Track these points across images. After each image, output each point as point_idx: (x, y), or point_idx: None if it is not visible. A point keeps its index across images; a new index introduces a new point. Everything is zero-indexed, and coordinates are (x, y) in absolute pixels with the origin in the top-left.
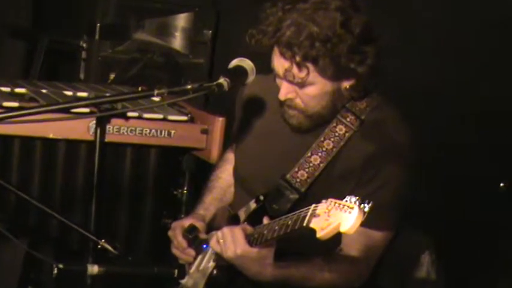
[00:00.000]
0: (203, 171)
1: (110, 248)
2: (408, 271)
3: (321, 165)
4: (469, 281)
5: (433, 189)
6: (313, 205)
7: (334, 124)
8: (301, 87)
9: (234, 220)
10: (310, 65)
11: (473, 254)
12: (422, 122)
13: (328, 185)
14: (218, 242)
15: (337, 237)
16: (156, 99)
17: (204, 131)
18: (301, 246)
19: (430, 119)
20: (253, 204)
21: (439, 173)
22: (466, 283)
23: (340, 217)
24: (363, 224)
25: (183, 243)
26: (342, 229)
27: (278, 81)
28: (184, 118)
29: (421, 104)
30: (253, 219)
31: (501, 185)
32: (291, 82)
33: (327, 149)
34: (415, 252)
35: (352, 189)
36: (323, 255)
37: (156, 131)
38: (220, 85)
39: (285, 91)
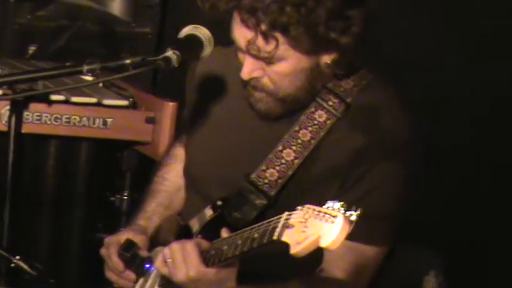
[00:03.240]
0: (148, 171)
1: (26, 267)
2: None
3: (296, 161)
4: None
5: (441, 195)
6: (286, 213)
7: (313, 109)
8: (269, 63)
9: (184, 232)
10: (279, 36)
11: (490, 275)
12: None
13: (305, 188)
14: (165, 261)
15: (318, 253)
16: (88, 77)
17: (150, 120)
18: (271, 265)
19: (440, 115)
20: (209, 212)
21: (449, 175)
22: None
23: (320, 228)
24: (350, 237)
25: (119, 264)
26: (323, 243)
27: (240, 55)
28: (125, 103)
29: (428, 89)
30: (210, 231)
31: None
32: (256, 57)
33: (303, 141)
34: (417, 274)
35: (336, 192)
36: (300, 277)
37: (88, 119)
38: (167, 59)
39: (249, 68)
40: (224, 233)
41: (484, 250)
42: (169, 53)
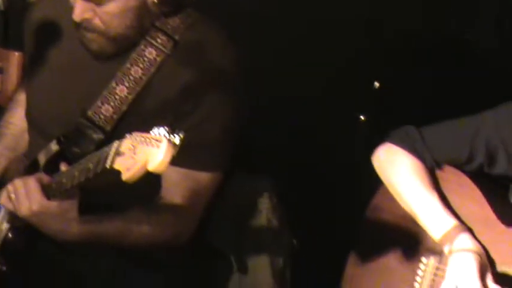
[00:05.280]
0: None
1: None
2: (245, 220)
3: (129, 97)
4: (314, 226)
5: (271, 125)
6: (116, 142)
7: (143, 47)
8: (98, 4)
9: (32, 168)
10: None
11: (322, 197)
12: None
13: (140, 121)
14: (9, 197)
15: (158, 182)
16: None
17: None
18: (113, 196)
19: (267, 42)
20: (54, 146)
21: (278, 107)
22: (312, 228)
23: (147, 153)
24: (185, 165)
25: None
26: (150, 167)
27: None
28: None
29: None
30: (54, 166)
31: (361, 117)
32: None
33: (135, 77)
34: (252, 198)
35: (170, 125)
36: (141, 205)
37: None
38: None
39: (80, 10)
40: (63, 167)
41: (316, 172)
42: None
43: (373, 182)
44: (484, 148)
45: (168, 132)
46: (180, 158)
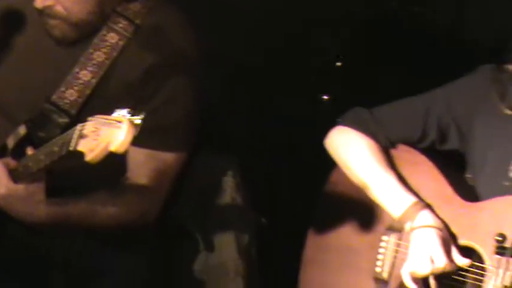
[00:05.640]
0: None
1: None
2: (210, 199)
3: (93, 81)
4: (279, 204)
5: (234, 106)
6: (79, 125)
7: (104, 32)
8: None
9: (1, 152)
10: None
11: (285, 175)
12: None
13: (104, 105)
14: None
15: (124, 164)
16: None
17: None
18: (81, 178)
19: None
20: (22, 130)
21: (241, 87)
22: (276, 206)
23: (109, 134)
24: (150, 146)
25: None
26: (112, 147)
27: None
28: None
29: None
30: (21, 150)
31: (324, 97)
32: None
33: (98, 61)
34: (217, 177)
35: (133, 107)
36: (107, 187)
37: None
38: None
39: None
40: (29, 151)
41: (280, 152)
42: None
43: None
44: (436, 126)
45: (129, 114)
46: (144, 139)
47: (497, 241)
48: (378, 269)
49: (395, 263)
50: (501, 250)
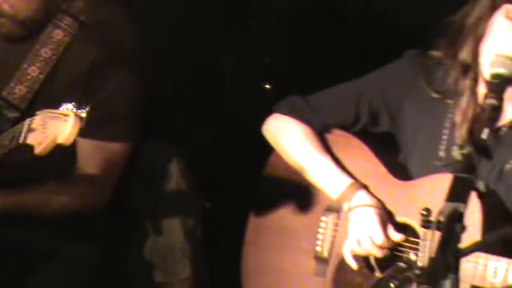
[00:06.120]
0: None
1: None
2: (157, 184)
3: (41, 76)
4: (224, 189)
5: (179, 95)
6: (28, 119)
7: (50, 29)
8: None
9: None
10: None
11: (230, 161)
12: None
13: (53, 99)
14: None
15: (72, 155)
16: None
17: None
18: (32, 170)
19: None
20: None
21: (185, 76)
22: (220, 189)
23: (56, 127)
24: (98, 137)
25: None
26: (59, 140)
27: None
28: None
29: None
30: None
31: (266, 86)
32: None
33: (45, 57)
34: (163, 164)
35: (80, 100)
36: (58, 178)
37: None
38: None
39: None
40: None
41: (224, 138)
42: None
43: None
44: (367, 110)
45: (74, 108)
46: (91, 131)
47: (423, 215)
48: (318, 248)
49: (335, 242)
50: (426, 224)
